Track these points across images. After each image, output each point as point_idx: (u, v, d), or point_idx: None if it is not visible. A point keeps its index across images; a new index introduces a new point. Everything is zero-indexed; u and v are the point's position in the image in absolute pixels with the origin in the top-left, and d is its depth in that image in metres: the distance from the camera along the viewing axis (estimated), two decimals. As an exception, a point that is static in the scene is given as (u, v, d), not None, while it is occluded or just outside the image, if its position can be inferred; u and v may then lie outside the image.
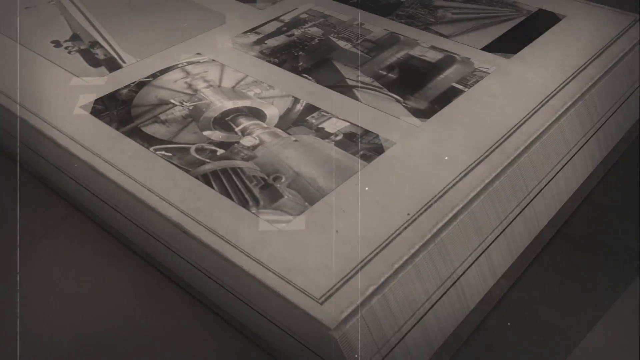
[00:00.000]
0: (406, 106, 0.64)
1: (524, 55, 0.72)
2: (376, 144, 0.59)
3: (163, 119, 0.62)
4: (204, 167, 0.56)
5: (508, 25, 0.79)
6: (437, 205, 0.52)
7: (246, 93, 0.66)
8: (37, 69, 0.71)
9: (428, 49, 0.74)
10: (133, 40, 0.76)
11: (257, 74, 0.69)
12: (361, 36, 0.77)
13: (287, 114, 0.63)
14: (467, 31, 0.78)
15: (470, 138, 0.59)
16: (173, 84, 0.68)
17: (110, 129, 0.61)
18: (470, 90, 0.66)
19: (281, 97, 0.65)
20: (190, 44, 0.75)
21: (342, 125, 0.61)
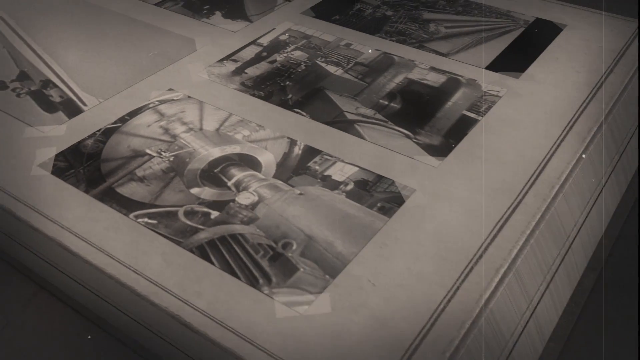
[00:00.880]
0: (418, 142, 0.57)
1: (533, 73, 0.66)
2: (394, 193, 0.51)
3: (140, 176, 0.53)
4: (198, 235, 0.47)
5: (508, 38, 0.73)
6: (477, 268, 0.45)
7: (233, 136, 0.57)
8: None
9: (428, 70, 0.67)
10: (92, 76, 0.66)
11: (242, 111, 0.61)
12: (351, 59, 0.69)
13: (285, 160, 0.55)
14: (466, 47, 0.71)
15: (496, 178, 0.52)
16: (146, 129, 0.58)
17: (77, 192, 0.51)
18: (485, 119, 0.59)
19: (274, 139, 0.57)
20: (159, 77, 0.66)
21: (351, 171, 0.53)
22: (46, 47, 0.71)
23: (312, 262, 0.45)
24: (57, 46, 0.72)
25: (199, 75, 0.66)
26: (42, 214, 0.49)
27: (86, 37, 0.73)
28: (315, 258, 0.45)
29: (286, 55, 0.70)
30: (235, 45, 0.72)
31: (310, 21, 0.76)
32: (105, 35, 0.74)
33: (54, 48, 0.71)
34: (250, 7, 0.79)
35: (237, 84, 0.65)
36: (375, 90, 0.64)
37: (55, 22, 0.76)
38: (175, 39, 0.73)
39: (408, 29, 0.75)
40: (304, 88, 0.64)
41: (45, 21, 0.77)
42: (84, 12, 0.78)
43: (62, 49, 0.71)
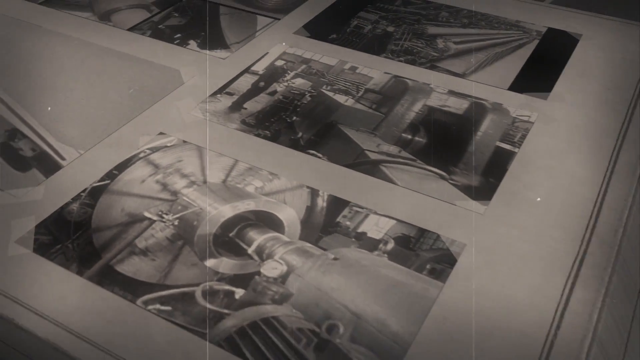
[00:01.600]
0: (455, 184, 0.50)
1: (560, 92, 0.60)
2: (442, 250, 0.44)
3: (142, 247, 0.45)
4: (224, 323, 0.39)
5: (524, 52, 0.67)
6: (559, 342, 0.38)
7: (244, 189, 0.50)
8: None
9: (447, 95, 0.60)
10: (67, 121, 0.57)
11: (249, 156, 0.53)
12: (360, 85, 0.62)
13: (309, 216, 0.47)
14: (482, 65, 0.65)
15: (552, 222, 0.46)
16: (141, 186, 0.50)
17: (68, 274, 0.43)
18: (522, 151, 0.53)
19: (292, 189, 0.50)
20: (145, 119, 0.57)
21: (388, 225, 0.46)
22: (7, 87, 0.61)
23: (367, 349, 0.38)
24: (20, 85, 0.62)
25: (192, 113, 0.58)
26: (27, 306, 0.41)
27: (53, 72, 0.64)
28: (369, 343, 0.38)
29: (287, 85, 0.62)
30: (227, 75, 0.63)
31: (305, 42, 0.69)
32: (76, 69, 0.64)
33: (16, 88, 0.62)
34: (229, 34, 0.70)
35: (237, 122, 0.57)
36: (394, 122, 0.57)
37: (14, 55, 0.67)
38: (157, 71, 0.64)
39: (415, 47, 0.68)
40: (314, 124, 0.57)
41: (1, 55, 0.67)
42: (47, 43, 0.69)
43: (27, 89, 0.61)
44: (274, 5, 0.76)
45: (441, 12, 0.75)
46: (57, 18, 0.73)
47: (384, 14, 0.74)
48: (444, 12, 0.75)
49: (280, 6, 0.76)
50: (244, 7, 0.76)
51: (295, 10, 0.75)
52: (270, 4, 0.77)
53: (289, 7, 0.76)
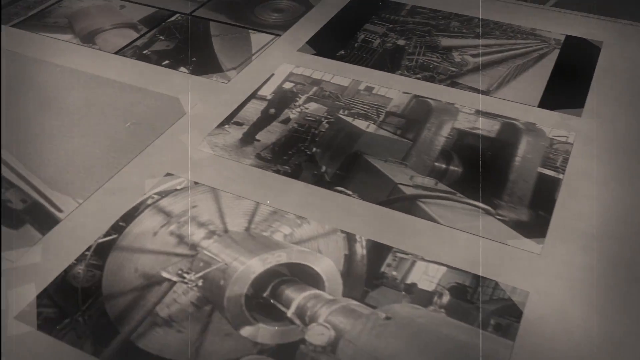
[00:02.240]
0: (503, 220, 0.45)
1: (594, 107, 0.56)
2: (504, 301, 0.40)
3: (165, 316, 0.39)
4: (273, 408, 0.34)
5: (546, 64, 0.63)
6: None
7: (271, 237, 0.44)
8: None
9: (475, 115, 0.56)
10: (59, 164, 0.51)
11: (270, 197, 0.47)
12: (380, 108, 0.57)
13: (350, 266, 0.42)
14: (505, 80, 0.61)
15: (619, 261, 0.42)
16: (153, 240, 0.44)
17: (83, 356, 0.37)
18: (567, 177, 0.49)
19: (325, 235, 0.44)
20: (148, 157, 0.51)
21: (438, 273, 0.42)
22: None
23: None
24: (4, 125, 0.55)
25: (200, 149, 0.52)
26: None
27: (35, 105, 0.57)
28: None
29: (300, 111, 0.56)
30: (231, 101, 0.58)
31: (312, 60, 0.63)
32: (61, 101, 0.58)
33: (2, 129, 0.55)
34: (224, 59, 0.64)
35: (252, 157, 0.51)
36: (424, 150, 0.52)
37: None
38: (155, 100, 0.58)
39: (431, 62, 0.63)
40: (337, 155, 0.51)
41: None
42: (24, 71, 0.62)
43: (6, 127, 0.55)
44: (274, 21, 0.71)
45: (451, 21, 0.70)
46: (33, 42, 0.66)
47: (391, 25, 0.69)
48: (454, 21, 0.70)
49: (280, 22, 0.71)
50: (240, 24, 0.70)
51: (295, 26, 0.70)
52: (271, 20, 0.71)
53: (288, 22, 0.70)
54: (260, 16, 0.72)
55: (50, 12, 0.72)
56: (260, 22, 0.70)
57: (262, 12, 0.73)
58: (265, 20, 0.71)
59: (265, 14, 0.72)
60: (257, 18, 0.71)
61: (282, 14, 0.72)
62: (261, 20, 0.71)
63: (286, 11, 0.73)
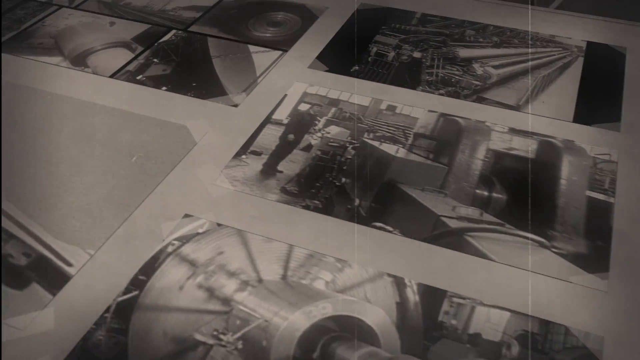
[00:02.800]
0: (560, 253, 0.42)
1: (631, 121, 0.53)
2: (579, 349, 0.36)
3: (205, 388, 0.34)
4: None
5: (573, 73, 0.59)
6: None
7: (312, 286, 0.40)
8: None
9: (508, 134, 0.52)
10: (63, 210, 0.45)
11: (304, 238, 0.43)
12: (407, 130, 0.53)
13: (404, 316, 0.38)
14: (533, 93, 0.57)
15: (690, 296, 0.39)
16: (180, 295, 0.39)
17: None
18: (619, 200, 0.46)
19: (372, 280, 0.40)
20: (162, 197, 0.46)
21: (502, 320, 0.38)
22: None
23: None
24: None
25: (218, 184, 0.47)
26: None
27: (28, 139, 0.52)
28: None
29: (321, 136, 0.52)
30: (245, 128, 0.53)
31: (325, 78, 0.59)
32: (56, 133, 0.52)
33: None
34: (229, 82, 0.59)
35: (276, 191, 0.47)
36: (461, 176, 0.48)
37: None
38: (160, 128, 0.53)
39: (452, 75, 0.59)
40: (369, 186, 0.47)
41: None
42: (12, 101, 0.56)
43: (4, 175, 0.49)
44: (272, 35, 0.66)
45: (465, 29, 0.67)
46: (18, 66, 0.61)
47: (403, 36, 0.65)
48: (469, 29, 0.67)
49: (279, 36, 0.66)
50: (241, 40, 0.65)
51: (301, 40, 0.65)
52: (268, 34, 0.66)
53: (291, 37, 0.66)
54: (256, 31, 0.67)
55: (34, 32, 0.66)
56: (257, 37, 0.66)
57: (257, 27, 0.68)
58: (262, 34, 0.66)
59: (261, 28, 0.67)
60: (253, 33, 0.67)
61: (279, 27, 0.68)
62: (257, 35, 0.66)
63: (283, 25, 0.68)
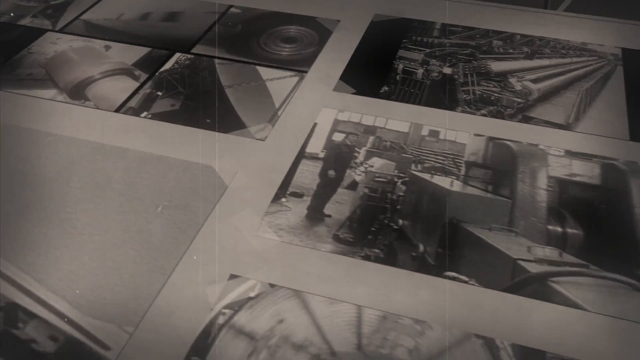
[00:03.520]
0: (656, 296, 0.38)
1: (691, 136, 0.50)
2: None
3: None
4: None
5: (615, 85, 0.56)
6: None
7: (394, 355, 0.35)
8: None
9: (566, 158, 0.48)
10: (89, 278, 0.39)
11: (372, 296, 0.38)
12: (457, 158, 0.48)
13: (504, 387, 0.33)
14: (581, 109, 0.53)
15: None
16: (244, 378, 0.34)
17: None
18: (702, 229, 0.42)
19: (458, 344, 0.35)
20: (199, 255, 0.41)
21: (614, 384, 0.34)
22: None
23: None
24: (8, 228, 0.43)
25: (260, 235, 0.42)
26: None
27: (34, 194, 0.45)
28: None
29: (365, 170, 0.47)
30: (278, 165, 0.48)
31: (354, 102, 0.54)
32: (63, 183, 0.46)
33: None
34: (247, 115, 0.52)
35: (329, 240, 0.42)
36: (528, 209, 0.44)
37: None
38: (184, 171, 0.47)
39: (490, 93, 0.55)
40: (430, 227, 0.42)
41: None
42: (7, 146, 0.49)
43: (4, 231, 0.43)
44: (288, 53, 0.61)
45: (492, 40, 0.62)
46: (9, 103, 0.54)
47: (428, 49, 0.61)
48: (495, 39, 0.62)
49: (296, 54, 0.61)
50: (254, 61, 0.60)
51: (319, 58, 0.60)
52: (284, 53, 0.61)
53: (307, 55, 0.60)
54: (270, 48, 0.61)
55: (20, 60, 0.59)
56: (273, 57, 0.60)
57: (270, 44, 0.62)
58: (277, 53, 0.61)
59: (274, 45, 0.62)
60: (266, 51, 0.61)
61: (295, 44, 0.62)
62: (272, 53, 0.61)
63: (299, 40, 0.63)
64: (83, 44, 0.61)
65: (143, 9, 0.68)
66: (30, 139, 0.50)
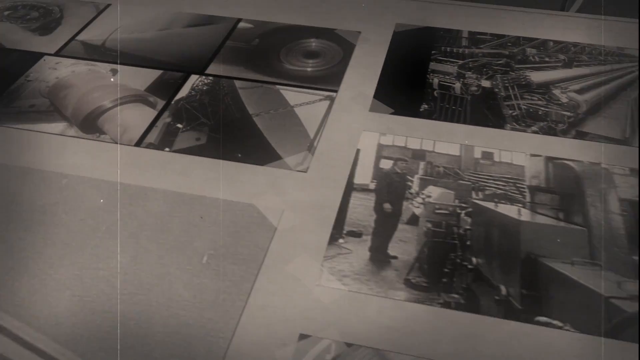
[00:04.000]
0: None
1: None
2: None
3: None
4: None
5: (664, 93, 0.53)
6: None
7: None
8: None
9: (633, 177, 0.45)
10: (139, 348, 0.34)
11: (458, 351, 0.34)
12: (518, 183, 0.44)
13: None
14: (635, 120, 0.50)
15: None
16: None
17: None
18: None
19: (569, 403, 0.32)
20: (260, 312, 0.36)
21: None
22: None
23: None
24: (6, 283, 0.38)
25: (324, 284, 0.37)
26: None
27: (57, 248, 0.40)
28: None
29: (423, 202, 0.43)
30: (326, 199, 0.43)
31: (395, 123, 0.50)
32: (91, 234, 0.41)
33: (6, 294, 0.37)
34: (281, 145, 0.48)
35: (401, 285, 0.37)
36: (606, 238, 0.40)
37: None
38: (224, 211, 0.42)
39: (537, 107, 0.51)
40: (507, 264, 0.39)
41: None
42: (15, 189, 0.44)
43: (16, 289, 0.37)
44: (313, 69, 0.56)
45: (524, 48, 0.59)
46: (13, 140, 0.48)
47: (460, 61, 0.57)
48: (528, 47, 0.59)
49: (321, 69, 0.56)
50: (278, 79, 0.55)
51: (347, 76, 0.55)
52: (309, 68, 0.56)
53: (331, 71, 0.56)
54: (292, 64, 0.57)
55: (19, 90, 0.53)
56: (296, 73, 0.56)
57: (291, 59, 0.58)
58: (301, 69, 0.56)
59: (297, 61, 0.57)
60: (289, 67, 0.56)
61: (319, 58, 0.58)
62: (296, 70, 0.56)
63: (322, 54, 0.58)
64: (86, 68, 0.56)
65: (142, 27, 0.62)
66: (44, 182, 0.44)
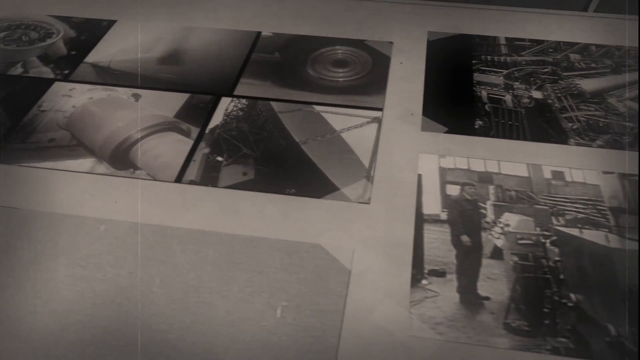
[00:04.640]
0: None
1: None
2: None
3: None
4: None
5: None
6: None
7: None
8: None
9: None
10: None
11: (584, 405, 0.31)
12: (597, 205, 0.41)
13: None
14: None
15: None
16: None
17: None
18: None
19: None
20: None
21: None
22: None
23: None
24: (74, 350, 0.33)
25: (417, 335, 0.34)
26: None
27: (106, 306, 0.35)
28: None
29: (502, 232, 0.40)
30: (397, 235, 0.39)
31: (452, 142, 0.46)
32: (147, 288, 0.36)
33: None
34: (335, 177, 0.44)
35: (501, 331, 0.34)
36: None
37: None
38: (290, 255, 0.38)
39: (596, 118, 0.49)
40: (610, 301, 0.35)
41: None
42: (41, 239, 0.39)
43: None
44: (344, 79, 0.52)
45: (567, 54, 0.56)
46: (35, 182, 0.43)
47: (504, 70, 0.54)
48: (570, 52, 0.56)
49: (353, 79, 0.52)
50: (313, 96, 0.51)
51: (389, 92, 0.51)
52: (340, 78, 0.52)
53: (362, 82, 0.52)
54: (321, 75, 0.53)
55: (34, 122, 0.48)
56: (328, 84, 0.52)
57: (320, 69, 0.54)
58: (331, 79, 0.52)
59: (327, 71, 0.53)
60: (318, 78, 0.52)
61: (348, 68, 0.54)
62: (326, 81, 0.52)
63: (351, 63, 0.55)
64: (105, 94, 0.50)
65: (156, 44, 0.57)
66: (78, 230, 0.39)
